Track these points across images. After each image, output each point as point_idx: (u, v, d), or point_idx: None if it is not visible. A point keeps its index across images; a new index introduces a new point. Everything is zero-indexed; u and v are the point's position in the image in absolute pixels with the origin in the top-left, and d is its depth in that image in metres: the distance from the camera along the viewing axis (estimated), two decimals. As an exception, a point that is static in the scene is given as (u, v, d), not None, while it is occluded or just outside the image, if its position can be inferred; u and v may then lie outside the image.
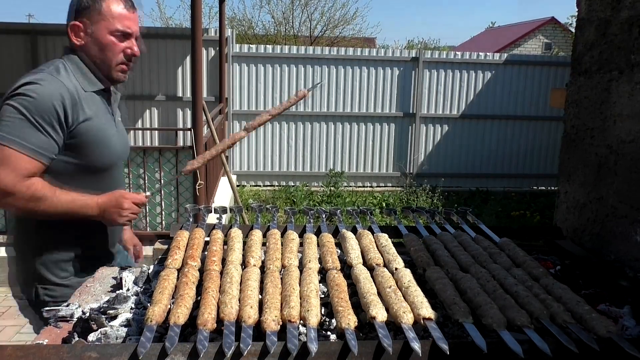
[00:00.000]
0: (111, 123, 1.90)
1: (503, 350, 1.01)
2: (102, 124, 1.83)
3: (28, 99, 1.68)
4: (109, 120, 1.89)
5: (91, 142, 1.78)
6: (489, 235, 1.68)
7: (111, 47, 1.82)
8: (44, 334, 1.19)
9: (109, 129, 1.86)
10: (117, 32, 1.81)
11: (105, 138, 1.83)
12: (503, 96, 8.96)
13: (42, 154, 1.67)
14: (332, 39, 19.08)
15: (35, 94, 1.69)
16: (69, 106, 1.71)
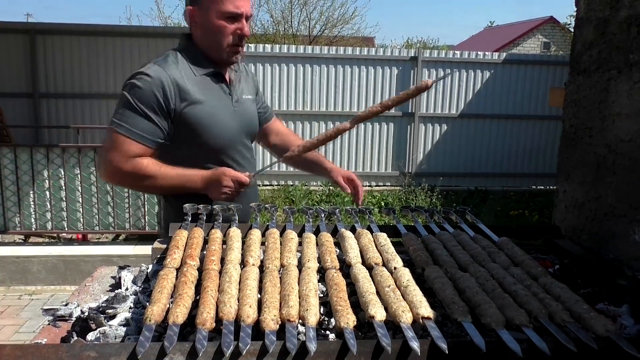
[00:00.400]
0: (226, 104, 1.97)
1: (502, 349, 1.02)
2: (213, 107, 1.91)
3: (135, 88, 1.83)
4: (224, 101, 1.97)
5: (200, 125, 1.88)
6: (487, 234, 1.68)
7: (221, 30, 1.88)
8: (42, 334, 1.19)
9: (221, 111, 1.94)
10: (227, 14, 1.86)
11: (216, 121, 1.91)
12: (502, 95, 8.97)
13: (147, 138, 1.83)
14: (330, 38, 19.10)
15: (140, 84, 1.82)
16: (171, 93, 1.83)
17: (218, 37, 1.89)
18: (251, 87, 2.15)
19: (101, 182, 5.33)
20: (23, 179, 5.25)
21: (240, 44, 1.92)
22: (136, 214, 5.46)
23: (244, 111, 2.04)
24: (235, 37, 1.89)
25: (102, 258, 5.20)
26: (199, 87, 1.89)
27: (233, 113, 1.98)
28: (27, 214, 5.35)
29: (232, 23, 1.87)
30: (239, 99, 2.02)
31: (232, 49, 1.91)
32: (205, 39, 1.92)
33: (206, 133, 1.90)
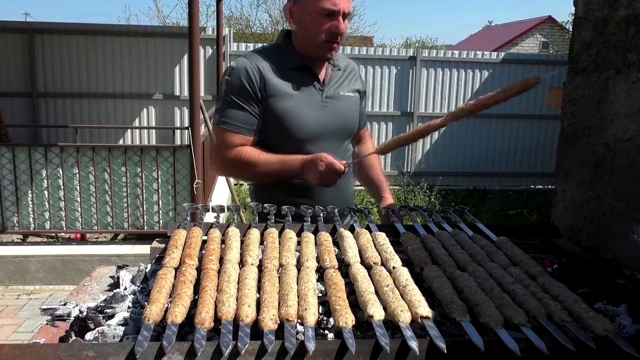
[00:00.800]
0: (314, 99, 2.00)
1: (500, 348, 1.02)
2: (298, 100, 1.96)
3: (225, 83, 1.97)
4: (312, 96, 2.00)
5: (283, 117, 1.95)
6: (486, 233, 1.68)
7: (315, 26, 1.91)
8: (40, 333, 1.19)
9: (306, 105, 1.97)
10: (323, 11, 1.88)
11: (299, 114, 1.96)
12: (500, 95, 8.95)
13: (242, 127, 1.95)
14: (329, 38, 19.02)
15: (228, 77, 1.96)
16: (255, 78, 1.92)
17: (312, 34, 1.93)
18: (355, 86, 2.16)
19: (100, 181, 5.33)
20: (21, 179, 5.25)
21: (334, 40, 1.94)
22: (135, 214, 5.46)
23: (336, 108, 2.05)
24: (330, 34, 1.91)
25: (100, 258, 5.20)
26: (286, 80, 1.96)
27: (321, 108, 2.01)
28: (25, 214, 5.35)
29: (328, 20, 1.89)
30: (334, 96, 2.05)
31: (326, 46, 1.94)
32: (300, 35, 1.98)
33: (288, 125, 1.95)
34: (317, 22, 1.90)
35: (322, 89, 2.03)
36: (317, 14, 1.88)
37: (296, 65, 1.99)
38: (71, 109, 8.41)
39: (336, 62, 2.08)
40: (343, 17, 1.91)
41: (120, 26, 9.25)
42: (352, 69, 2.17)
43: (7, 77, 8.09)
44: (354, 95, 2.14)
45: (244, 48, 8.74)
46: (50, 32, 8.18)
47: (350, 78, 2.14)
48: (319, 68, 2.04)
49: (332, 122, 2.04)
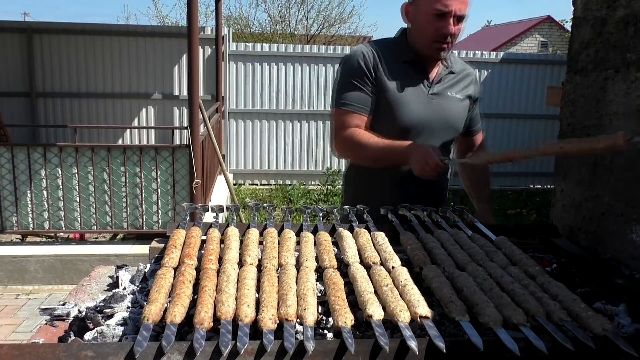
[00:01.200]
0: (420, 93, 2.08)
1: (499, 348, 1.02)
2: (404, 91, 2.06)
3: (342, 66, 2.12)
4: (418, 90, 2.08)
5: (387, 103, 2.05)
6: (485, 233, 1.69)
7: (426, 26, 1.99)
8: (39, 333, 1.18)
9: (410, 97, 2.05)
10: (435, 12, 1.94)
11: (402, 103, 2.05)
12: (499, 95, 8.98)
13: (360, 107, 2.05)
14: (328, 38, 19.09)
15: (348, 60, 2.10)
16: (370, 60, 2.05)
17: (423, 33, 2.01)
18: (467, 91, 2.20)
19: (99, 181, 5.33)
20: (20, 179, 5.24)
21: (443, 41, 1.99)
22: (134, 214, 5.46)
23: (442, 106, 2.11)
24: (439, 34, 1.97)
25: (99, 257, 5.20)
26: (397, 71, 2.06)
27: (426, 103, 2.08)
28: (24, 214, 5.34)
29: (439, 21, 1.95)
30: (441, 93, 2.12)
31: (435, 45, 2.01)
32: (413, 33, 2.07)
33: (392, 113, 2.04)
34: (428, 22, 1.97)
35: (430, 85, 2.10)
36: (430, 14, 1.95)
37: (408, 59, 2.09)
38: (70, 108, 8.40)
39: (449, 64, 2.15)
40: (455, 19, 1.96)
41: (119, 26, 9.25)
42: (467, 74, 2.23)
43: (5, 76, 8.08)
44: (463, 99, 2.18)
45: (243, 48, 8.74)
46: (49, 32, 8.17)
47: (463, 83, 2.19)
48: (429, 66, 2.12)
49: (435, 118, 2.10)
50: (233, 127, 8.80)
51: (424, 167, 1.82)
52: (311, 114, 8.87)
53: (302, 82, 8.77)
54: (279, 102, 8.77)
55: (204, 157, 5.80)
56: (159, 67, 8.40)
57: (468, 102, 2.21)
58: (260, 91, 8.72)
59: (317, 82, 8.77)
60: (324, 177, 8.68)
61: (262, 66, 8.66)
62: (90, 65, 8.28)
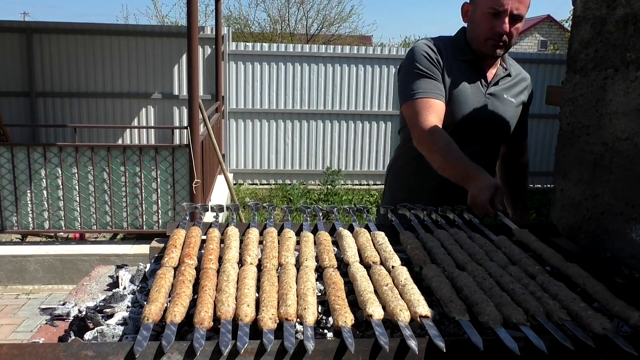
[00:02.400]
0: (476, 91, 2.11)
1: (499, 347, 1.02)
2: (461, 86, 2.06)
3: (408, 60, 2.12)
4: (475, 88, 2.11)
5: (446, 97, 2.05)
6: (485, 233, 1.69)
7: (482, 24, 2.02)
8: (39, 333, 1.18)
9: (467, 93, 2.10)
10: (490, 10, 1.96)
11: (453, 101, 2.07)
12: (499, 94, 8.96)
13: (436, 93, 2.04)
14: (328, 37, 19.09)
15: (412, 54, 2.12)
16: (434, 56, 2.08)
17: (478, 31, 2.04)
18: (521, 97, 2.23)
19: (98, 181, 5.33)
20: (20, 178, 5.24)
21: (497, 40, 2.01)
22: (134, 213, 5.46)
23: (497, 106, 2.14)
24: (493, 32, 1.99)
25: (99, 257, 5.20)
26: (454, 68, 2.09)
27: (483, 100, 2.11)
28: (24, 213, 5.34)
29: (495, 19, 1.97)
30: (497, 95, 2.14)
31: (489, 43, 2.03)
32: (470, 32, 2.10)
33: (448, 108, 2.05)
34: (484, 20, 2.00)
35: (487, 85, 2.13)
36: (486, 13, 1.98)
37: (466, 58, 2.11)
38: (70, 108, 8.40)
39: (507, 65, 2.17)
40: (511, 19, 1.97)
41: (119, 25, 9.25)
42: (523, 79, 2.25)
43: (5, 76, 8.08)
44: (517, 104, 2.21)
45: (242, 47, 8.74)
46: (48, 32, 8.17)
47: (518, 87, 2.22)
48: (487, 66, 2.14)
49: (490, 117, 2.13)
50: (233, 126, 8.80)
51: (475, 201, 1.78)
52: (311, 114, 8.87)
53: (302, 81, 8.77)
54: (278, 101, 8.77)
55: (204, 157, 5.80)
56: (158, 66, 8.41)
57: (521, 107, 2.23)
58: (260, 91, 8.72)
59: (317, 81, 8.77)
60: (324, 176, 8.69)
61: (261, 66, 8.66)
62: (89, 64, 8.29)
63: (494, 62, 2.15)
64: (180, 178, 5.38)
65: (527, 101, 2.27)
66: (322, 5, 20.86)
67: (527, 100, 2.27)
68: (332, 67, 8.74)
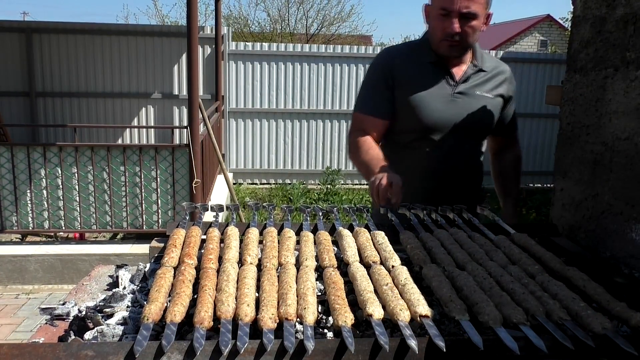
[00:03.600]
0: (443, 93, 2.10)
1: (499, 347, 1.02)
2: (420, 93, 2.08)
3: (367, 70, 2.24)
4: (441, 90, 2.10)
5: (407, 106, 2.09)
6: (485, 232, 1.69)
7: (434, 25, 2.05)
8: (39, 333, 1.18)
9: (431, 97, 2.08)
10: (440, 12, 1.98)
11: (421, 104, 2.08)
12: (499, 94, 8.94)
13: (374, 110, 2.14)
14: (328, 37, 19.09)
15: (370, 64, 2.22)
16: (389, 71, 2.11)
17: (433, 32, 2.06)
18: (498, 88, 2.19)
19: (98, 180, 5.33)
20: (20, 178, 5.24)
21: (449, 40, 2.01)
22: (134, 213, 5.46)
23: (467, 105, 2.11)
24: (445, 33, 2.00)
25: (99, 257, 5.20)
26: (418, 72, 2.11)
27: (450, 102, 2.09)
28: (24, 213, 5.34)
29: (445, 20, 1.98)
30: (467, 92, 2.11)
31: (443, 44, 2.03)
32: (429, 33, 2.11)
33: (413, 114, 2.08)
34: (437, 21, 2.01)
35: (455, 84, 2.11)
36: (437, 14, 1.99)
37: (430, 60, 2.11)
38: (69, 108, 8.40)
39: (478, 61, 2.14)
40: (462, 17, 1.96)
41: (119, 25, 9.24)
42: (500, 72, 2.21)
43: (5, 76, 8.07)
44: (494, 98, 2.17)
45: (242, 47, 8.73)
46: (48, 32, 8.17)
47: (494, 81, 2.18)
48: (453, 65, 2.12)
49: (458, 117, 2.10)
50: (233, 126, 8.79)
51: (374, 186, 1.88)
52: (311, 113, 8.87)
53: (302, 81, 8.77)
54: (278, 101, 8.77)
55: (204, 157, 5.80)
56: (158, 66, 8.40)
57: (500, 101, 2.19)
58: (259, 90, 8.72)
59: (317, 81, 8.77)
60: (324, 176, 8.68)
61: (261, 65, 8.66)
62: (89, 64, 8.28)
63: (460, 60, 2.12)
64: (180, 178, 5.38)
65: (507, 94, 2.21)
66: (322, 5, 20.89)
67: (508, 93, 2.22)
68: (332, 67, 8.73)
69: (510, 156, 2.37)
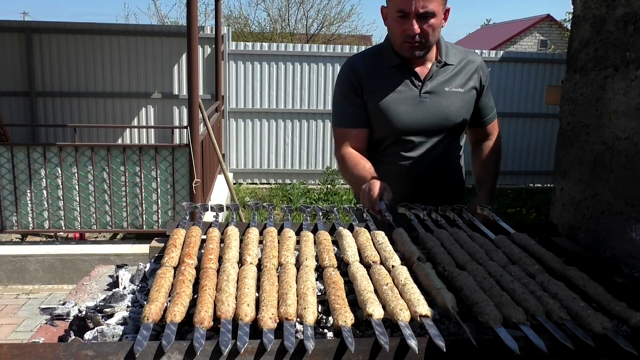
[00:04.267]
0: (410, 95, 2.08)
1: (499, 347, 1.02)
2: (392, 96, 2.06)
3: (335, 85, 2.20)
4: (408, 92, 2.08)
5: (376, 111, 2.08)
6: (485, 232, 1.68)
7: (393, 27, 2.01)
8: (39, 333, 1.19)
9: (399, 100, 2.06)
10: (397, 14, 1.94)
11: (390, 108, 2.07)
12: (499, 93, 8.96)
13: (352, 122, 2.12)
14: (328, 37, 19.08)
15: (337, 80, 2.19)
16: (355, 80, 2.09)
17: (392, 34, 2.04)
18: (470, 80, 2.15)
19: (98, 180, 5.33)
20: (20, 178, 5.24)
21: (410, 41, 1.98)
22: (134, 213, 5.46)
23: (436, 103, 2.09)
24: (405, 35, 1.97)
25: (99, 257, 5.20)
26: (384, 77, 2.08)
27: (418, 103, 2.07)
28: (24, 213, 5.34)
29: (404, 21, 1.95)
30: (435, 91, 2.09)
31: (404, 46, 2.00)
32: (390, 35, 2.08)
33: (385, 119, 2.07)
34: (395, 24, 1.98)
35: (421, 84, 2.08)
36: (395, 16, 1.96)
37: (393, 64, 2.08)
38: (69, 108, 8.40)
39: (442, 57, 2.10)
40: (420, 17, 1.92)
41: (119, 25, 9.24)
42: (468, 63, 2.15)
43: (5, 76, 8.07)
44: (465, 91, 2.13)
45: (242, 47, 8.73)
46: (48, 31, 8.16)
47: (464, 74, 2.13)
48: (417, 65, 2.09)
49: (429, 117, 2.08)
50: (233, 126, 8.79)
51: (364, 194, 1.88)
52: (311, 113, 8.86)
53: (302, 81, 8.76)
54: (278, 101, 8.77)
55: (204, 157, 5.80)
56: (158, 66, 8.40)
57: (473, 93, 2.15)
58: (259, 90, 8.72)
59: (317, 81, 8.77)
60: (324, 176, 8.68)
61: (261, 65, 8.66)
62: (89, 64, 8.28)
63: (425, 59, 2.08)
64: (180, 178, 5.38)
65: (480, 84, 2.17)
66: (322, 5, 20.88)
67: (480, 83, 2.18)
68: (332, 67, 8.73)
69: (488, 145, 2.34)
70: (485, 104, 2.25)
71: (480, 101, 2.21)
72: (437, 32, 2.01)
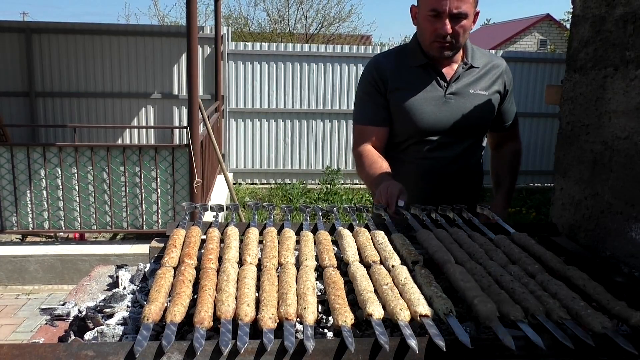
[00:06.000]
0: (435, 95, 2.09)
1: (497, 345, 1.02)
2: (417, 96, 2.06)
3: (359, 80, 2.22)
4: (433, 92, 2.09)
5: (400, 109, 2.10)
6: (484, 232, 1.68)
7: (425, 26, 2.02)
8: (39, 333, 1.19)
9: (424, 100, 2.07)
10: (430, 13, 1.95)
11: (414, 108, 2.08)
12: (499, 93, 8.94)
13: (373, 120, 2.13)
14: (327, 37, 19.09)
15: (360, 77, 2.21)
16: (379, 78, 2.10)
17: (424, 34, 2.04)
18: (495, 86, 2.17)
19: (98, 181, 5.33)
20: (20, 178, 5.24)
21: (441, 41, 1.99)
22: (134, 213, 5.46)
23: (460, 105, 2.10)
24: (436, 34, 1.98)
25: (99, 257, 5.20)
26: (409, 77, 2.09)
27: (443, 104, 2.09)
28: (24, 213, 5.34)
29: (436, 21, 1.96)
30: (460, 92, 2.10)
31: (434, 45, 2.02)
32: (418, 35, 2.10)
33: (408, 119, 2.08)
34: (427, 23, 1.99)
35: (446, 85, 2.09)
36: (427, 15, 1.97)
37: (420, 63, 2.09)
38: (69, 108, 8.40)
39: (468, 59, 2.12)
40: (453, 18, 1.94)
41: (118, 25, 9.24)
42: (494, 67, 2.18)
43: (4, 76, 8.07)
44: (490, 94, 2.15)
45: (242, 47, 8.73)
46: (47, 32, 8.17)
47: (488, 77, 2.16)
48: (444, 65, 2.11)
49: (452, 118, 2.09)
50: (232, 126, 8.79)
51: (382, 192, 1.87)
52: (310, 113, 8.86)
53: (302, 81, 8.77)
54: (278, 101, 8.77)
55: (204, 157, 5.80)
56: (158, 66, 8.40)
57: (497, 97, 2.17)
58: (259, 90, 8.72)
59: (317, 81, 8.77)
60: (324, 176, 8.68)
61: (261, 65, 8.66)
62: (89, 64, 8.28)
63: (451, 60, 2.11)
64: (180, 178, 5.38)
65: (504, 88, 2.20)
66: (321, 5, 20.88)
67: (505, 87, 2.21)
68: (332, 67, 8.73)
69: (508, 150, 2.35)
70: (508, 109, 2.27)
71: (503, 105, 2.23)
72: (467, 34, 2.03)
